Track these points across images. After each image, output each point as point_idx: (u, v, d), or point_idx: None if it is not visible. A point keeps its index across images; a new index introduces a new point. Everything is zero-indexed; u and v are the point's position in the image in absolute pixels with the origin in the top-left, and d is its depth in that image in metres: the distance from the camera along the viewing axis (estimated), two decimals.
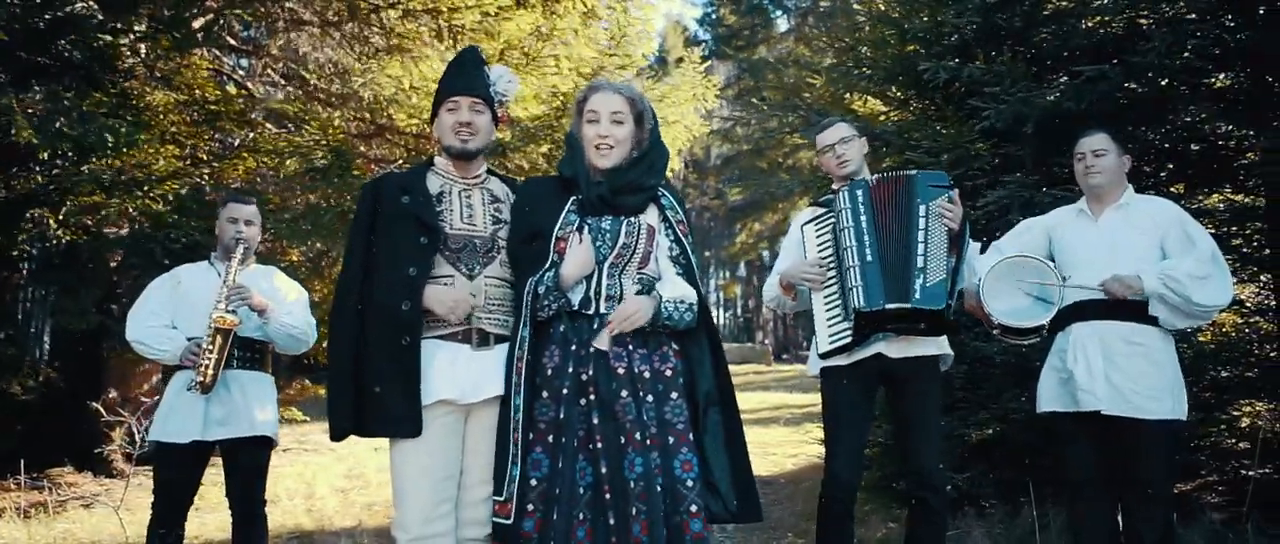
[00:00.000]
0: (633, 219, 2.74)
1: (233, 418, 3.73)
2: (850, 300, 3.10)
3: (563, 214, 2.73)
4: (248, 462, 3.81)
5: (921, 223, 3.12)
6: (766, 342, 32.36)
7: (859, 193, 3.22)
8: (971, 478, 5.00)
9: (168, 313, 3.86)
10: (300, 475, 8.02)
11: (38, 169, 6.16)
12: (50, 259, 7.24)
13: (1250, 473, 4.79)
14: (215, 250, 3.99)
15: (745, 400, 14.42)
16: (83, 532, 5.88)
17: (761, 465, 8.18)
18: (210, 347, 3.61)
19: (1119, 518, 3.48)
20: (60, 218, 6.00)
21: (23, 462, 6.31)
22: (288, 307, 3.91)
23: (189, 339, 3.74)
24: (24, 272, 7.79)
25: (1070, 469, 3.48)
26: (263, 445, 3.83)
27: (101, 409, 6.35)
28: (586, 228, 2.70)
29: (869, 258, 3.11)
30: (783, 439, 9.76)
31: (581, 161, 2.77)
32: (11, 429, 7.54)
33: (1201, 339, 5.33)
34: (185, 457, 3.73)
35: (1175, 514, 3.76)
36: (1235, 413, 5.23)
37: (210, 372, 3.61)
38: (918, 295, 3.05)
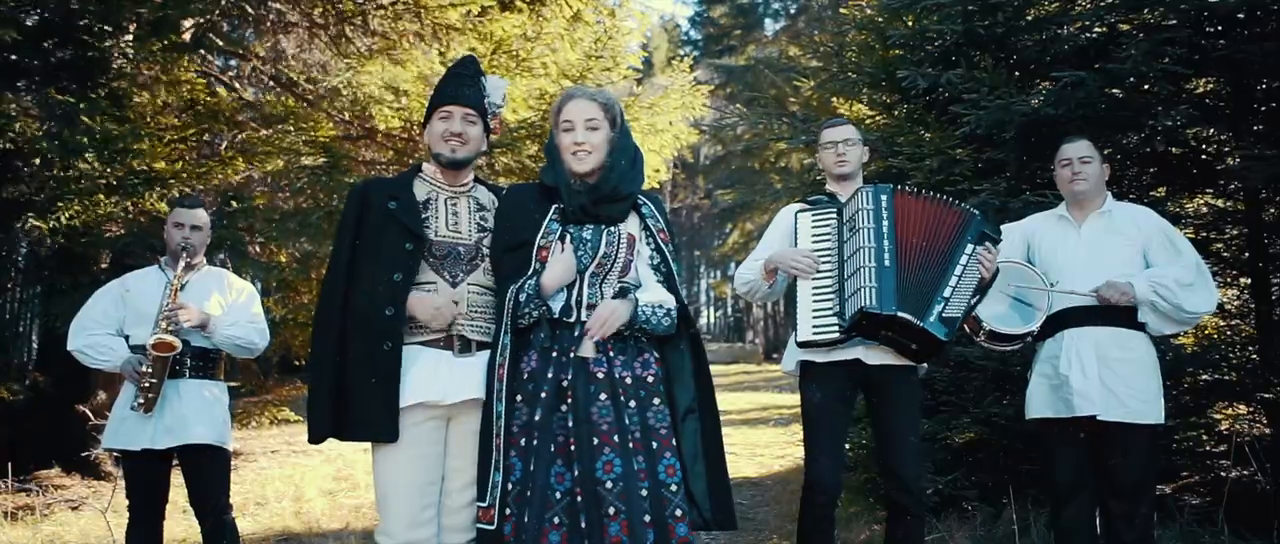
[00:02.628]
0: (613, 228, 2.77)
1: (180, 426, 3.70)
2: (857, 299, 3.09)
3: (545, 223, 2.77)
4: (200, 469, 3.80)
5: (964, 259, 3.12)
6: (757, 341, 32.40)
7: (883, 197, 3.20)
8: (953, 481, 5.04)
9: (114, 321, 3.84)
10: (289, 478, 8.02)
11: (27, 173, 6.14)
12: (40, 264, 7.23)
13: (1228, 475, 4.85)
14: (164, 256, 3.94)
15: (734, 401, 14.47)
16: (70, 534, 5.89)
17: (749, 466, 8.22)
18: (149, 369, 3.59)
19: (1097, 519, 3.54)
20: (51, 226, 5.98)
21: (10, 465, 6.30)
22: (235, 314, 3.87)
23: (133, 347, 3.73)
24: (13, 275, 7.78)
25: (1059, 473, 3.51)
26: (215, 454, 3.81)
27: (88, 413, 6.35)
28: (568, 237, 2.74)
29: (887, 262, 3.10)
30: (771, 440, 9.79)
31: (561, 170, 2.80)
32: (2, 433, 7.54)
33: (1183, 341, 5.39)
34: (140, 462, 3.74)
35: (1154, 515, 3.82)
36: (1215, 416, 5.29)
37: (151, 394, 3.60)
38: (932, 319, 3.06)
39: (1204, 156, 5.41)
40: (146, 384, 3.58)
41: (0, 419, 7.61)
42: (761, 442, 9.74)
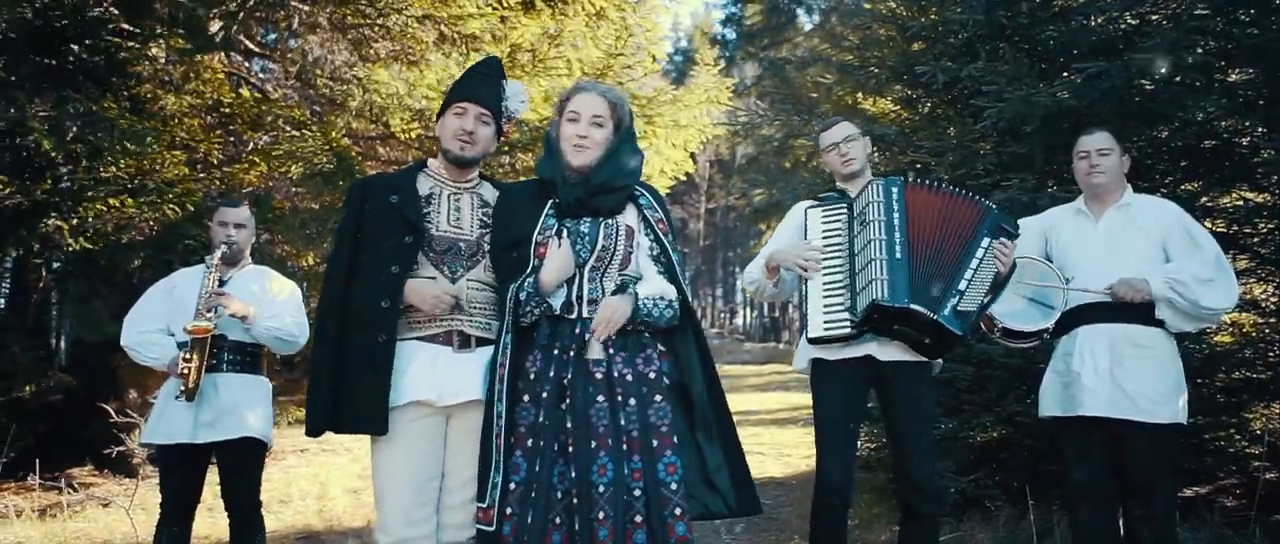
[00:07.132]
0: (611, 220, 2.74)
1: (221, 421, 3.74)
2: (869, 292, 3.04)
3: (541, 219, 2.74)
4: (238, 464, 3.84)
5: (980, 252, 3.07)
6: (791, 342, 32.21)
7: (894, 189, 3.17)
8: (976, 481, 4.94)
9: (162, 318, 3.89)
10: (315, 476, 8.07)
11: (50, 177, 6.21)
12: (69, 266, 7.34)
13: (1264, 476, 4.70)
14: (210, 254, 3.99)
15: (765, 401, 14.32)
16: (96, 530, 5.95)
17: (775, 467, 8.14)
18: (189, 356, 3.63)
19: (1120, 521, 3.44)
20: (72, 226, 6.05)
21: (38, 462, 6.40)
22: (276, 308, 3.90)
23: (180, 345, 3.76)
24: (44, 276, 7.90)
25: (1073, 473, 3.44)
26: (253, 448, 3.84)
27: (111, 412, 6.43)
28: (565, 231, 2.70)
29: (898, 255, 3.05)
30: (799, 440, 9.69)
31: (558, 163, 2.77)
32: (33, 431, 7.66)
33: (1220, 339, 5.24)
34: (178, 458, 3.78)
35: (1177, 515, 3.71)
36: (1248, 415, 5.14)
37: (192, 380, 3.63)
38: (946, 312, 3.01)
39: (1239, 149, 5.25)
40: (185, 371, 3.62)
41: (34, 417, 7.73)
42: (789, 441, 9.65)
